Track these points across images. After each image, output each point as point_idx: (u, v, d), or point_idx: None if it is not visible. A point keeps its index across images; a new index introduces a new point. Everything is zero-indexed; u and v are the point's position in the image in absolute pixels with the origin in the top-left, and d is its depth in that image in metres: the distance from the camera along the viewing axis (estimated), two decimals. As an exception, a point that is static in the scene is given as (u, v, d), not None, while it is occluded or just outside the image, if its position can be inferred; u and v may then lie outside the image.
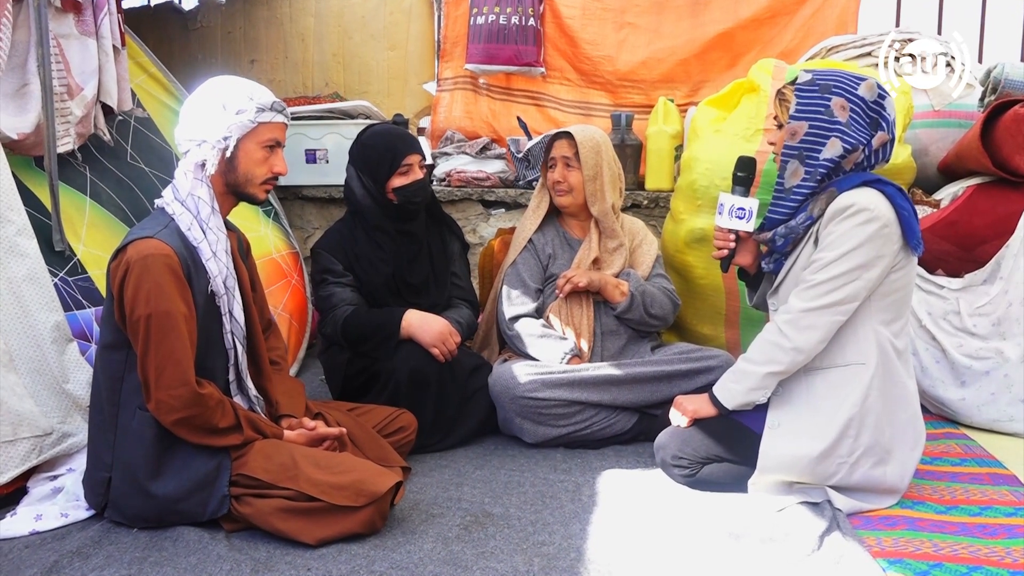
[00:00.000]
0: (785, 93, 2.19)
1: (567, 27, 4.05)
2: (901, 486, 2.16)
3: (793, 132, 2.14)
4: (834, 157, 2.09)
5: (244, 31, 4.65)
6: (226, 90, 2.07)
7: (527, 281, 2.82)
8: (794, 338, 2.10)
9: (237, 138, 2.05)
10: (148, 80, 3.30)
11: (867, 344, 2.11)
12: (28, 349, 2.22)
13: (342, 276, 2.72)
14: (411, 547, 1.94)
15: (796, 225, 2.17)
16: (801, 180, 2.14)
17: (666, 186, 3.63)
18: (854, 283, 2.06)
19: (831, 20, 3.87)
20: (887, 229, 2.06)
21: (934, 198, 2.94)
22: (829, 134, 2.09)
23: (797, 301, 2.12)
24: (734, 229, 2.31)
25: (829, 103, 2.09)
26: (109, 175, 2.90)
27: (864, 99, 2.10)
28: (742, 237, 2.35)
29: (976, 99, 3.12)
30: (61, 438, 2.23)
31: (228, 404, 2.02)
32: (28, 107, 2.49)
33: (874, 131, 2.11)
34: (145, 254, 1.93)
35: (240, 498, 1.98)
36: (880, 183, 2.12)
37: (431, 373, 2.60)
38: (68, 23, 2.65)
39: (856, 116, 2.09)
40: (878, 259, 2.06)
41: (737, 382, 2.21)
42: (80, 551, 1.91)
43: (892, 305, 2.13)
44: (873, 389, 2.09)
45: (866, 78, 2.13)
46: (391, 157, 2.69)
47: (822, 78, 2.13)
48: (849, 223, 2.05)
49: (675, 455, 2.28)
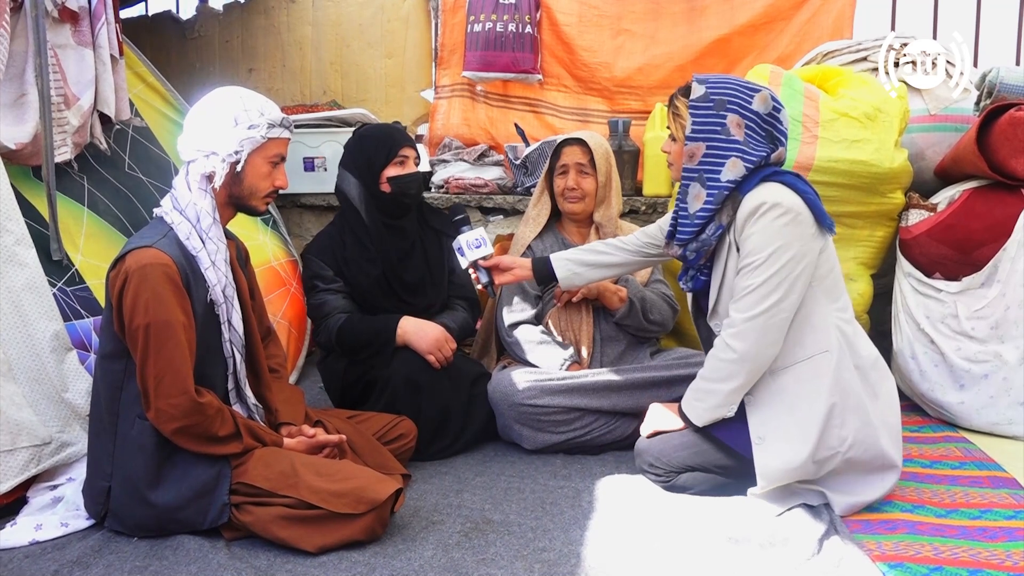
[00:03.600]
0: (678, 107, 2.16)
1: (564, 34, 4.06)
2: (898, 460, 2.15)
3: (691, 154, 2.11)
4: (735, 178, 2.08)
5: (242, 40, 4.66)
6: (238, 103, 2.08)
7: (526, 288, 2.83)
8: (743, 349, 2.08)
9: (247, 153, 2.07)
10: (146, 90, 3.31)
11: (824, 331, 2.10)
12: (27, 358, 2.22)
13: (332, 282, 2.72)
14: (411, 554, 1.94)
15: (708, 237, 2.15)
16: (704, 203, 2.11)
17: (664, 192, 3.63)
18: (789, 278, 2.05)
19: (827, 25, 3.88)
20: (801, 217, 2.06)
21: (931, 202, 2.94)
22: (728, 154, 2.07)
23: (737, 312, 2.10)
24: (483, 257, 2.50)
25: (725, 121, 2.07)
26: (107, 185, 2.90)
27: (758, 113, 2.08)
28: (488, 265, 2.50)
29: (972, 103, 3.13)
30: (60, 447, 2.22)
31: (227, 412, 2.02)
32: (26, 117, 2.49)
33: (772, 145, 2.11)
34: (144, 263, 1.93)
35: (240, 506, 1.98)
36: (777, 175, 2.11)
37: (426, 380, 2.60)
38: (65, 33, 2.65)
39: (752, 133, 2.08)
40: (803, 248, 2.06)
41: (700, 400, 2.20)
42: (80, 560, 1.91)
43: (832, 286, 2.14)
44: (844, 371, 2.08)
45: (760, 89, 2.10)
46: (388, 146, 2.72)
47: (715, 92, 2.08)
48: (764, 221, 2.05)
49: (651, 463, 2.30)
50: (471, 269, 2.55)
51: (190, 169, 2.08)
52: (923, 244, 2.89)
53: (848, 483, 2.12)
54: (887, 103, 2.92)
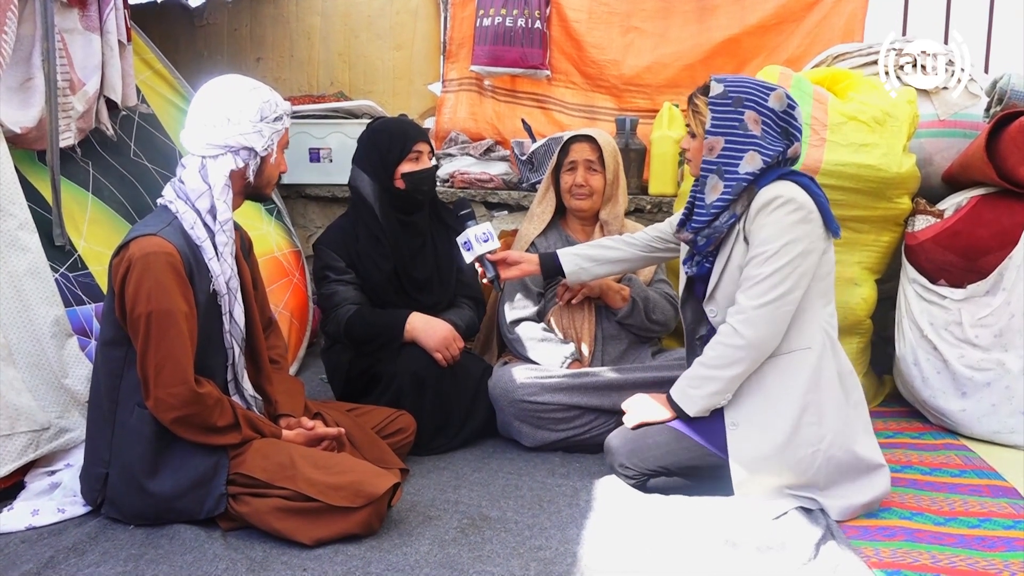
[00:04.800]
0: (698, 104, 2.21)
1: (573, 30, 4.05)
2: (882, 460, 2.18)
3: (711, 147, 2.16)
4: (753, 171, 2.13)
5: (250, 29, 4.65)
6: (257, 97, 2.09)
7: (528, 285, 2.82)
8: (751, 336, 2.12)
9: (275, 145, 2.12)
10: (153, 76, 3.30)
11: (810, 329, 2.15)
12: (27, 343, 2.22)
13: (344, 273, 2.72)
14: (407, 549, 1.94)
15: (721, 224, 2.19)
16: (721, 194, 2.16)
17: (669, 191, 3.62)
18: (797, 271, 2.10)
19: (838, 27, 3.86)
20: (812, 215, 2.13)
21: (938, 208, 2.93)
22: (746, 148, 2.13)
23: (747, 300, 2.13)
24: (489, 251, 2.52)
25: (743, 117, 2.13)
26: (112, 171, 2.89)
27: (774, 110, 2.14)
28: (494, 259, 2.53)
29: (982, 109, 3.11)
30: (59, 433, 2.22)
31: (227, 403, 2.01)
32: (32, 101, 2.49)
33: (788, 141, 2.16)
34: (147, 251, 1.93)
35: (237, 497, 1.98)
36: (794, 175, 2.18)
37: (432, 377, 2.60)
38: (73, 18, 2.65)
39: (768, 129, 2.14)
40: (811, 245, 2.11)
41: (697, 388, 2.21)
42: (76, 547, 1.91)
43: (827, 289, 2.20)
44: (824, 370, 2.13)
45: (775, 88, 2.16)
46: (403, 141, 2.70)
47: (734, 90, 2.14)
48: (779, 214, 2.10)
49: (621, 463, 2.30)
50: (477, 263, 2.55)
51: (208, 164, 2.05)
52: (929, 250, 2.88)
53: (838, 486, 2.12)
54: (896, 107, 2.90)
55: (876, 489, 2.15)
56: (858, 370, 2.99)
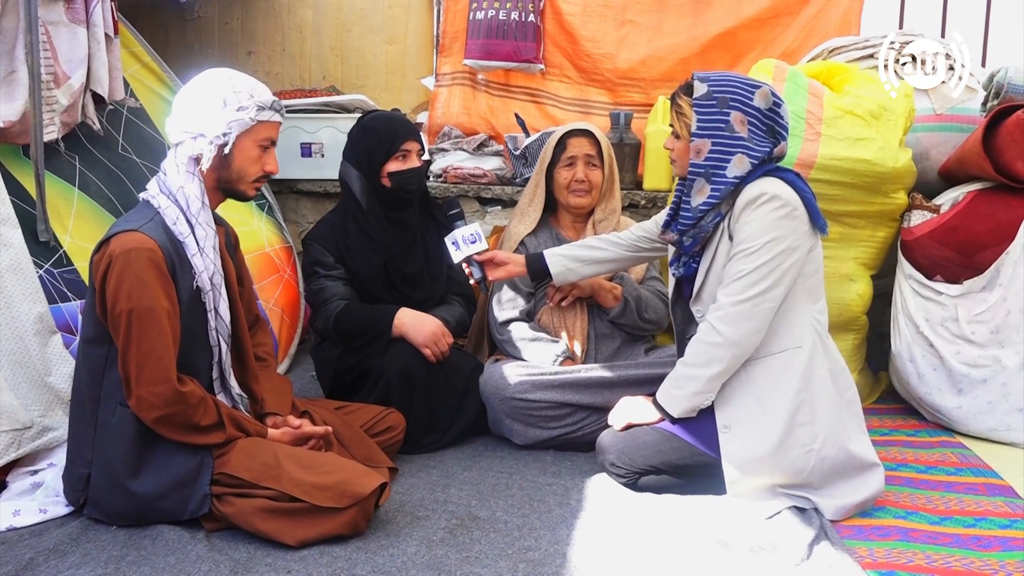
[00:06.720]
0: (681, 105, 2.17)
1: (567, 24, 4.01)
2: (876, 458, 2.16)
3: (697, 151, 2.12)
4: (741, 174, 2.09)
5: (241, 22, 4.61)
6: (227, 85, 2.04)
7: (519, 284, 2.78)
8: (729, 333, 2.08)
9: (236, 135, 2.03)
10: (142, 70, 3.26)
11: (800, 327, 2.12)
12: (9, 341, 2.18)
13: (333, 268, 2.69)
14: (394, 550, 1.91)
15: (706, 224, 2.16)
16: (707, 197, 2.12)
17: (664, 186, 3.59)
18: (780, 268, 2.07)
19: (834, 21, 3.83)
20: (797, 212, 2.09)
21: (934, 203, 2.90)
22: (734, 151, 2.09)
23: (726, 296, 2.11)
24: (477, 252, 2.52)
25: (728, 118, 2.08)
26: (99, 166, 2.85)
27: (760, 109, 2.10)
28: (482, 260, 2.53)
29: (979, 103, 3.08)
30: (41, 432, 2.19)
31: (210, 402, 1.98)
32: (15, 95, 2.45)
33: (774, 140, 2.12)
34: (128, 248, 1.90)
35: (221, 497, 1.95)
36: (779, 171, 2.14)
37: (421, 373, 2.57)
38: (58, 10, 2.60)
39: (755, 129, 2.10)
40: (796, 242, 2.08)
41: (679, 388, 2.18)
42: (57, 548, 1.88)
43: (816, 286, 2.17)
44: (816, 369, 2.10)
45: (760, 85, 2.12)
46: (390, 140, 2.67)
47: (718, 90, 2.10)
48: (763, 210, 2.07)
49: (612, 462, 2.28)
50: (464, 264, 2.53)
51: (178, 151, 2.04)
52: (925, 246, 2.85)
53: (833, 486, 2.10)
54: (893, 102, 2.87)
55: (870, 488, 2.13)
56: (853, 367, 2.97)
